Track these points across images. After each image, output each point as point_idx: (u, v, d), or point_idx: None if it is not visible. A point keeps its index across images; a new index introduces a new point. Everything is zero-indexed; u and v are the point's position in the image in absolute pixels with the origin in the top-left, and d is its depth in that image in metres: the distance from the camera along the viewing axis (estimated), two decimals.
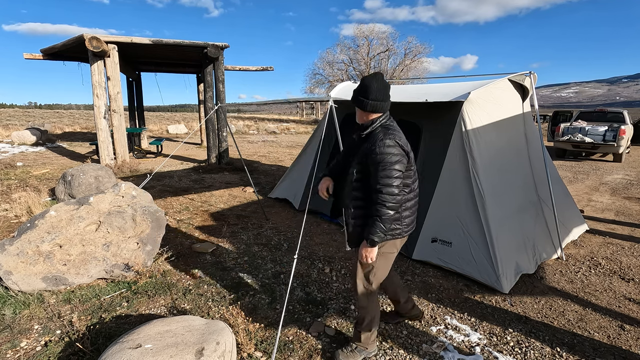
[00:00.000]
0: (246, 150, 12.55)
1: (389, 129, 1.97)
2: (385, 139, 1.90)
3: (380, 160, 1.87)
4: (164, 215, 3.62)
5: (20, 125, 20.53)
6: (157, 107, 67.17)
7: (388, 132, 1.94)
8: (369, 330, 2.22)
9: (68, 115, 35.65)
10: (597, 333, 2.61)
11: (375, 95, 1.94)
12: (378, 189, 1.88)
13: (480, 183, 3.29)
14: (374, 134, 1.98)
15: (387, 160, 1.87)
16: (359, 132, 2.12)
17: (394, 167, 1.88)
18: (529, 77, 3.88)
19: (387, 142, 1.89)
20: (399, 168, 1.90)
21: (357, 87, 2.02)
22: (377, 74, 2.00)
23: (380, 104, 1.96)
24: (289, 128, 23.35)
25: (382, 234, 1.90)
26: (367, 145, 1.96)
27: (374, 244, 1.93)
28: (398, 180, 1.89)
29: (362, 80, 2.00)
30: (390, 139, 1.90)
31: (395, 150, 1.90)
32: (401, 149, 1.93)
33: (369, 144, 1.96)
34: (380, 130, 1.97)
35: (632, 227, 4.95)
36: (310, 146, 5.60)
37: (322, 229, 4.66)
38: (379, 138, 1.92)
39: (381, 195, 1.87)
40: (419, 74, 31.92)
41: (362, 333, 2.22)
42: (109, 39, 8.11)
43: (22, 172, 7.79)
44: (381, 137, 1.91)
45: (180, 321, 2.15)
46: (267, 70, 11.88)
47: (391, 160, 1.88)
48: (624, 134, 10.36)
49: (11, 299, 2.80)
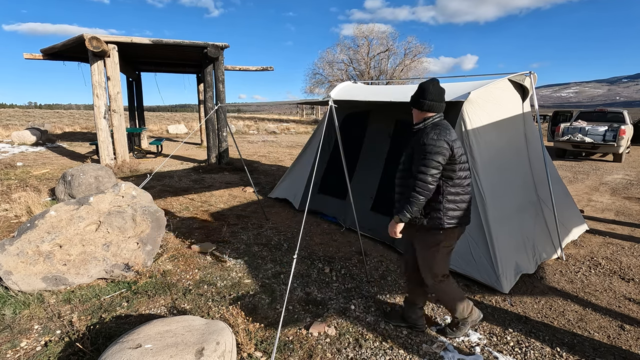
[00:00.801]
0: (246, 150, 12.55)
1: (438, 126, 2.16)
2: (430, 133, 2.11)
3: (422, 150, 2.08)
4: (164, 215, 3.62)
5: (20, 125, 20.53)
6: (157, 107, 67.16)
7: (436, 127, 2.15)
8: (456, 309, 2.41)
9: (68, 115, 35.65)
10: (597, 333, 2.61)
11: (432, 96, 2.17)
12: (414, 176, 2.10)
13: (480, 183, 3.29)
14: (424, 129, 2.18)
15: (428, 150, 2.06)
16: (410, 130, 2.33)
17: (433, 157, 2.06)
18: (529, 77, 3.88)
19: (431, 135, 2.09)
20: (439, 160, 2.07)
21: (416, 91, 2.24)
22: (433, 79, 2.25)
23: (435, 104, 2.18)
24: (289, 128, 23.35)
25: (408, 214, 2.12)
26: (415, 139, 2.18)
27: (398, 220, 2.16)
28: (435, 171, 2.07)
29: (420, 84, 2.23)
30: (436, 133, 2.10)
31: (438, 142, 2.07)
32: (445, 143, 2.09)
33: (418, 137, 2.17)
34: (431, 126, 2.17)
35: (632, 227, 4.95)
36: (310, 146, 5.61)
37: (322, 229, 4.66)
38: (427, 132, 2.13)
39: (416, 181, 2.08)
40: (419, 74, 31.93)
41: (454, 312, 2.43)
42: (109, 39, 8.11)
43: (22, 172, 7.79)
44: (428, 131, 2.13)
45: (180, 321, 2.15)
46: (267, 70, 11.88)
47: (431, 150, 2.06)
48: (624, 134, 10.36)
49: (11, 299, 2.80)
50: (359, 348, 2.40)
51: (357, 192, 4.38)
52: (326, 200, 5.06)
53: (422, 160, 2.08)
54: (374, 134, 4.65)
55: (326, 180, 5.16)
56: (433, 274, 2.32)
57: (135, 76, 12.83)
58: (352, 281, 3.31)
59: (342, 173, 3.35)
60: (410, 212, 2.12)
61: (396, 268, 3.57)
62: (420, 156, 2.10)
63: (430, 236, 2.25)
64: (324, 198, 5.10)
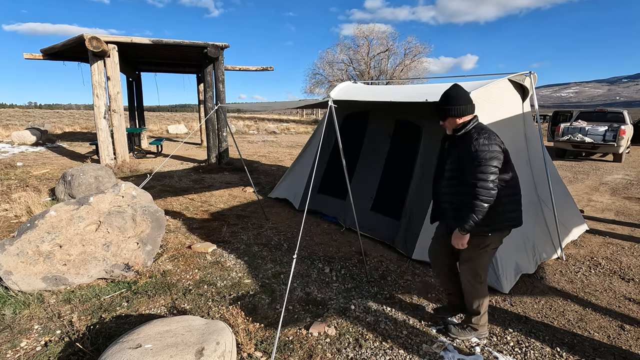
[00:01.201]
0: (246, 150, 12.55)
1: (483, 129, 2.12)
2: (479, 138, 2.05)
3: (475, 157, 2.01)
4: (164, 215, 3.62)
5: (20, 125, 20.53)
6: (157, 107, 67.18)
7: (482, 131, 2.10)
8: (478, 314, 2.42)
9: (68, 115, 35.65)
10: (597, 333, 2.61)
11: (458, 100, 2.12)
12: (473, 183, 2.02)
13: None
14: (469, 134, 2.12)
15: (482, 156, 2.00)
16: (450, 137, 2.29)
17: (490, 163, 2.01)
18: (529, 77, 3.88)
19: (481, 140, 2.03)
20: (495, 164, 2.02)
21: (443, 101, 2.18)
22: (453, 84, 2.22)
23: (465, 107, 2.13)
24: (289, 128, 23.35)
25: (474, 223, 2.05)
26: (461, 145, 2.11)
27: (465, 231, 2.10)
28: (493, 176, 2.01)
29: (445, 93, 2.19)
30: (485, 137, 2.05)
31: (492, 147, 2.03)
32: (497, 146, 2.05)
33: (464, 143, 2.10)
34: (475, 130, 2.12)
35: (632, 227, 4.95)
36: (310, 146, 5.60)
37: (322, 229, 4.66)
38: (474, 137, 2.06)
39: (476, 189, 2.00)
40: (419, 74, 31.91)
41: (472, 316, 2.44)
42: (109, 39, 8.11)
43: (22, 172, 7.79)
44: (476, 137, 2.06)
45: (180, 321, 2.15)
46: (267, 70, 11.88)
47: (486, 156, 2.00)
48: (624, 134, 10.35)
49: (11, 299, 2.80)
50: (359, 348, 2.40)
51: (357, 192, 4.38)
52: (326, 200, 5.06)
53: (478, 167, 2.01)
54: (374, 134, 4.65)
55: (326, 180, 5.16)
56: (476, 274, 2.32)
57: (135, 76, 12.83)
58: (352, 281, 3.31)
59: (342, 173, 3.35)
60: (476, 221, 2.05)
61: (396, 268, 3.57)
62: (474, 163, 2.03)
63: (479, 239, 2.21)
64: (324, 198, 5.10)
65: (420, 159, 3.93)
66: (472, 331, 2.47)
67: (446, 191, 2.24)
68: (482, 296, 2.39)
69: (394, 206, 4.14)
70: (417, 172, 3.92)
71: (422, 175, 3.87)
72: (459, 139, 2.17)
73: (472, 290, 2.37)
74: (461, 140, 2.15)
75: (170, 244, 4.01)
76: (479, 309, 2.42)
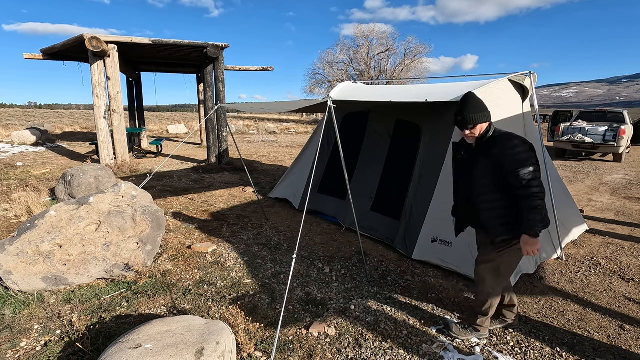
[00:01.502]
0: (246, 150, 12.55)
1: (508, 133, 2.14)
2: (514, 141, 2.06)
3: (517, 158, 2.02)
4: (164, 215, 3.62)
5: (20, 125, 20.54)
6: (157, 107, 67.21)
7: (510, 135, 2.11)
8: (486, 315, 2.42)
9: (68, 115, 35.65)
10: (597, 333, 2.61)
11: (476, 108, 2.13)
12: (525, 185, 2.00)
13: None
14: (498, 140, 2.12)
15: (523, 157, 2.02)
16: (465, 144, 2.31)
17: (532, 162, 2.03)
18: (529, 77, 3.88)
19: (515, 142, 2.05)
20: (536, 163, 2.05)
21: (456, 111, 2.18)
22: (467, 93, 2.23)
23: (484, 114, 2.14)
24: (289, 128, 23.36)
25: (541, 223, 2.00)
26: (494, 152, 2.09)
27: (537, 234, 2.02)
28: (538, 174, 2.04)
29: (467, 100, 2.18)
30: (518, 139, 2.07)
31: (527, 147, 2.05)
32: (530, 147, 2.07)
33: (497, 149, 2.08)
34: (502, 135, 2.13)
35: (632, 227, 4.95)
36: (310, 146, 5.61)
37: (322, 229, 4.66)
38: (507, 142, 2.07)
39: (530, 189, 1.99)
40: (419, 74, 31.92)
41: (478, 316, 2.43)
42: (109, 39, 8.11)
43: (22, 172, 7.79)
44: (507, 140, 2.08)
45: (180, 321, 2.15)
46: (267, 70, 11.88)
47: (526, 157, 2.03)
48: (624, 134, 10.35)
49: (11, 299, 2.80)
50: (359, 348, 2.40)
51: (357, 192, 4.38)
52: (326, 200, 5.06)
53: (524, 169, 2.00)
54: (374, 134, 4.64)
55: (326, 180, 5.16)
56: (501, 275, 2.30)
57: (135, 76, 12.83)
58: (352, 281, 3.31)
59: (342, 173, 3.35)
60: (543, 221, 2.01)
61: (396, 268, 3.57)
62: (518, 165, 2.01)
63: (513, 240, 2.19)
64: (324, 198, 5.10)
65: (420, 158, 3.93)
66: (474, 332, 2.48)
67: (486, 198, 2.18)
68: (496, 296, 2.38)
69: (394, 206, 4.14)
70: (417, 172, 3.92)
71: (421, 175, 3.87)
72: (487, 146, 2.15)
73: (489, 287, 2.35)
74: (491, 146, 2.13)
75: (170, 244, 4.01)
76: (487, 310, 2.41)
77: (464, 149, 2.33)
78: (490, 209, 2.18)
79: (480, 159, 2.17)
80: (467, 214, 2.37)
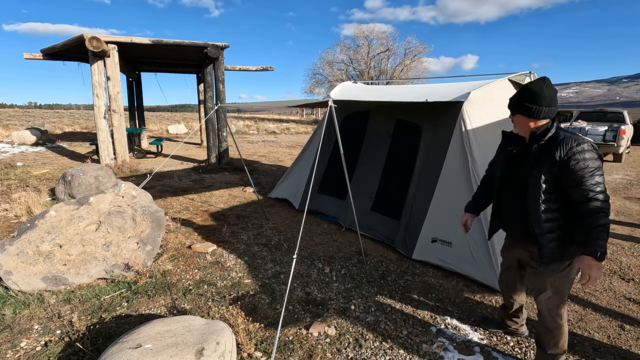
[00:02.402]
0: (246, 150, 12.55)
1: (573, 134, 1.85)
2: (582, 144, 1.78)
3: (585, 166, 1.76)
4: (164, 215, 3.62)
5: (20, 125, 20.54)
6: (157, 107, 67.23)
7: (576, 136, 1.83)
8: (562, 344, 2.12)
9: (68, 115, 35.66)
10: (597, 333, 2.61)
11: (549, 101, 1.85)
12: (592, 197, 1.74)
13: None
14: (562, 139, 1.83)
15: (592, 165, 1.76)
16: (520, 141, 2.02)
17: (600, 172, 1.78)
18: (529, 77, 3.88)
19: (584, 146, 1.78)
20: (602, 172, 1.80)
21: (522, 94, 1.90)
22: (544, 78, 1.89)
23: (553, 110, 1.88)
24: (289, 128, 23.36)
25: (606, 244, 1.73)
26: (557, 153, 1.81)
27: (603, 258, 1.71)
28: (604, 185, 1.78)
29: (529, 86, 1.88)
30: (586, 143, 1.79)
31: (595, 154, 1.80)
32: (600, 155, 1.82)
33: (560, 151, 1.80)
34: (566, 135, 1.84)
35: (632, 227, 4.95)
36: (310, 146, 5.61)
37: (322, 229, 4.66)
38: (573, 144, 1.79)
39: (598, 202, 1.73)
40: (419, 74, 31.93)
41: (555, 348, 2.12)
42: (109, 39, 8.11)
43: (22, 172, 7.79)
44: (576, 143, 1.79)
45: (180, 321, 2.15)
46: (267, 70, 11.88)
47: (595, 165, 1.77)
48: (624, 134, 10.35)
49: (11, 299, 2.80)
50: (359, 348, 2.40)
51: (357, 192, 4.38)
52: (326, 200, 5.06)
53: (592, 179, 1.75)
54: (374, 134, 4.65)
55: (326, 180, 5.16)
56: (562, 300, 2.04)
57: (135, 76, 12.83)
58: (352, 281, 3.31)
59: (342, 173, 3.35)
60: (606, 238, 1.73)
61: (396, 268, 3.57)
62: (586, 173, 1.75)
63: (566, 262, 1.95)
64: (324, 198, 5.10)
65: (420, 158, 3.93)
66: None
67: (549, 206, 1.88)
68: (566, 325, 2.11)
69: (394, 206, 4.14)
70: (417, 172, 3.92)
71: (421, 175, 3.87)
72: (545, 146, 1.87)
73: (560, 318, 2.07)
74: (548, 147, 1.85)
75: (170, 244, 4.01)
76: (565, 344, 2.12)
77: (514, 142, 2.05)
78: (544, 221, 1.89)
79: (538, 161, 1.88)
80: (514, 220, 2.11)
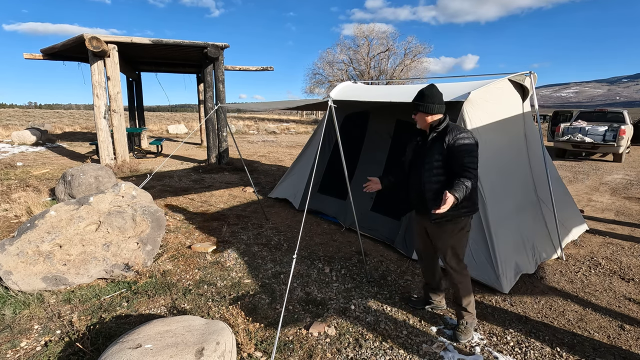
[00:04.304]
0: (246, 150, 12.55)
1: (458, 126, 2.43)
2: (463, 133, 2.34)
3: (464, 148, 2.31)
4: (164, 215, 3.62)
5: (20, 125, 20.54)
6: (157, 107, 67.22)
7: (459, 127, 2.41)
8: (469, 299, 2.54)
9: (68, 115, 35.66)
10: (597, 333, 2.61)
11: (439, 100, 2.41)
12: (465, 168, 2.27)
13: (480, 183, 3.28)
14: (449, 129, 2.38)
15: (470, 148, 2.32)
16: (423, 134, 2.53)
17: (475, 152, 2.33)
18: (529, 77, 3.88)
19: (464, 134, 2.34)
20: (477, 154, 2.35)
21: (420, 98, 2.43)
22: (432, 85, 2.49)
23: (443, 107, 2.43)
24: (289, 128, 23.35)
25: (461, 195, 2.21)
26: (447, 139, 2.35)
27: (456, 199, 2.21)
28: (477, 163, 2.34)
29: (424, 91, 2.42)
30: (466, 132, 2.37)
31: (473, 140, 2.35)
32: (475, 139, 2.36)
33: (449, 137, 2.34)
34: (453, 126, 2.40)
35: (632, 227, 4.95)
36: (310, 146, 5.60)
37: (322, 229, 4.66)
38: (457, 132, 2.34)
39: (468, 172, 2.26)
40: (419, 74, 31.90)
41: (467, 306, 2.53)
42: (109, 39, 8.11)
43: (22, 172, 7.79)
44: (460, 131, 2.35)
45: (180, 321, 2.15)
46: (267, 70, 11.88)
47: (472, 148, 2.32)
48: (624, 134, 10.35)
49: (11, 299, 2.80)
50: (359, 348, 2.40)
51: (357, 192, 4.38)
52: (326, 200, 5.06)
53: (468, 157, 2.29)
54: (374, 134, 4.64)
55: (326, 180, 5.15)
56: (459, 258, 2.49)
57: (135, 76, 12.83)
58: (352, 281, 3.31)
59: (342, 173, 3.35)
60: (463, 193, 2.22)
61: (396, 268, 3.57)
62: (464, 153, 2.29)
63: (456, 223, 2.43)
64: (324, 198, 5.10)
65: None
66: (472, 322, 2.55)
67: (433, 180, 2.43)
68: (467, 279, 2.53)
69: (394, 206, 4.14)
70: None
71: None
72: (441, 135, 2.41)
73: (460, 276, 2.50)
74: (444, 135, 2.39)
75: (170, 244, 4.01)
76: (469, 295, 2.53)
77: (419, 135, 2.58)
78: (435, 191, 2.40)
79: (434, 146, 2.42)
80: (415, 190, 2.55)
